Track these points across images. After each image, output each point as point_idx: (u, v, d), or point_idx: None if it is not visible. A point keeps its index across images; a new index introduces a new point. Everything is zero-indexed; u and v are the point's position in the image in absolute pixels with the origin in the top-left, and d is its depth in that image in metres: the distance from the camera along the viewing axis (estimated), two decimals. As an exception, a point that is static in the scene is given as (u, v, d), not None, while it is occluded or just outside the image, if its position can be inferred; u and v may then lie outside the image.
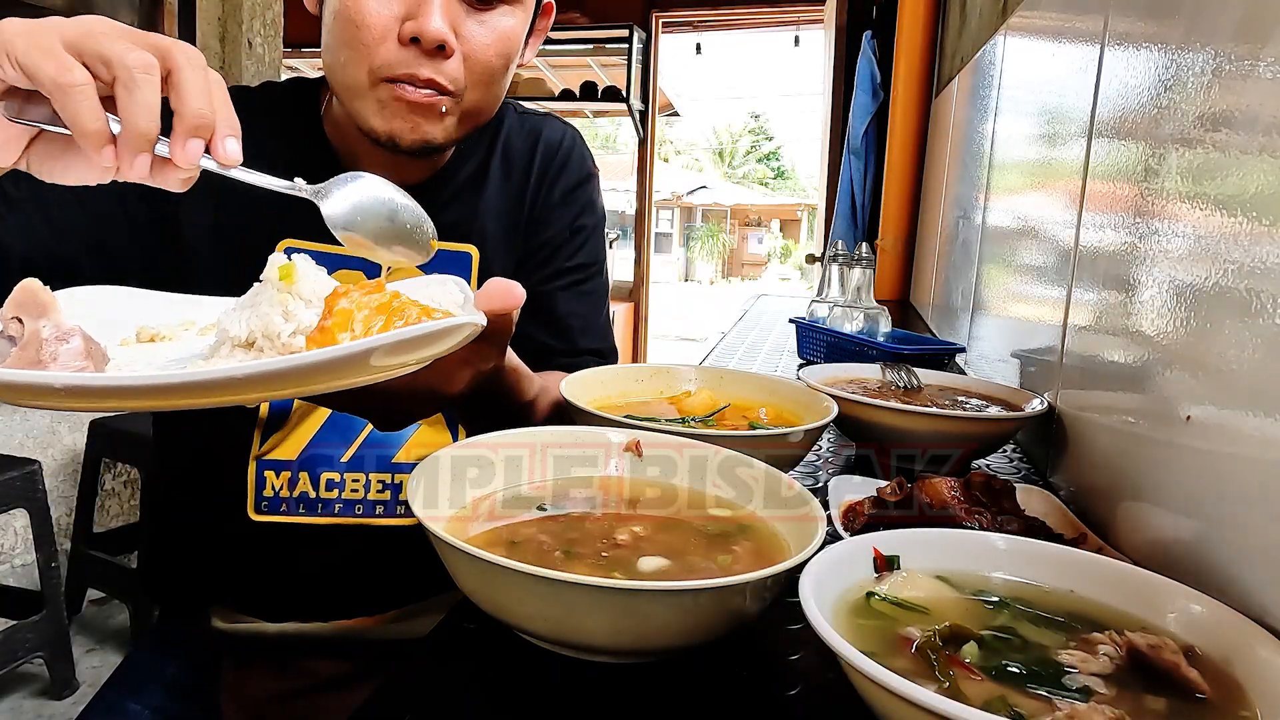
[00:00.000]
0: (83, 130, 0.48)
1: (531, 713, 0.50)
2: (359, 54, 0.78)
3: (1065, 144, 1.05)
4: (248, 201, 0.88)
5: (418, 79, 0.78)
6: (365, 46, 0.78)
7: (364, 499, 0.93)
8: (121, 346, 0.60)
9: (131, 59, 0.49)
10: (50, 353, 0.49)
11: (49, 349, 0.49)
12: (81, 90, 0.48)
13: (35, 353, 0.49)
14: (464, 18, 0.79)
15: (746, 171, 31.07)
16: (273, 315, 0.54)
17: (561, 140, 1.03)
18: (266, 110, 0.92)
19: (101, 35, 0.49)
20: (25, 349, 0.49)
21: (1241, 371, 0.53)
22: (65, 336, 0.50)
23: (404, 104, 0.79)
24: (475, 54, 0.80)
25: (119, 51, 0.49)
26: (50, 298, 0.52)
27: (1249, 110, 0.55)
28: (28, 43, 0.48)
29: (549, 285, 1.01)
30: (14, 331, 0.50)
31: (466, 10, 0.79)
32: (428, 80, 0.78)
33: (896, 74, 3.08)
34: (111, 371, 0.52)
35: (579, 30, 5.07)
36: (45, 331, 0.50)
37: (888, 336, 1.60)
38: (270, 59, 3.00)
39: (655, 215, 7.22)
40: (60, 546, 2.36)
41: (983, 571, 0.56)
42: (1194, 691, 0.44)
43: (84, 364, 0.50)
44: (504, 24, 0.81)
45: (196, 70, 0.52)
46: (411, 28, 0.76)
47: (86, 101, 0.48)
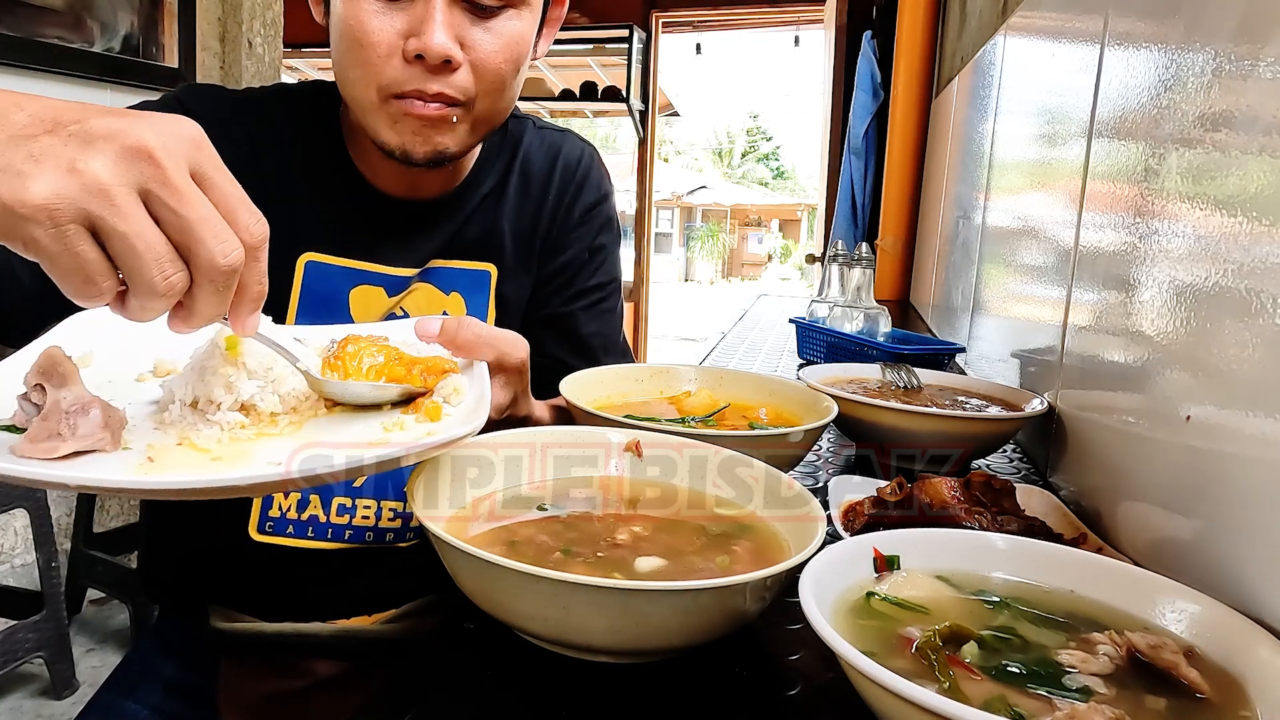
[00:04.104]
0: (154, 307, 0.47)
1: (531, 713, 0.50)
2: (366, 72, 0.78)
3: (1065, 144, 1.05)
4: (266, 214, 0.88)
5: (426, 94, 0.77)
6: (371, 65, 0.77)
7: (374, 526, 0.92)
8: (139, 382, 0.62)
9: (225, 265, 0.47)
10: (70, 425, 0.50)
11: (68, 421, 0.50)
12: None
13: (56, 424, 0.50)
14: (469, 26, 0.78)
15: (746, 171, 31.08)
16: (215, 386, 0.56)
17: (580, 158, 1.03)
18: (286, 118, 0.91)
19: (204, 231, 0.46)
20: (47, 420, 0.50)
21: (1241, 371, 0.53)
22: (85, 409, 0.51)
23: (414, 119, 0.79)
24: (483, 62, 0.79)
25: (214, 259, 0.46)
26: (72, 367, 0.52)
27: (1249, 110, 0.55)
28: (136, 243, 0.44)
29: (571, 307, 1.01)
30: (37, 399, 0.51)
31: (471, 19, 0.78)
32: (436, 94, 0.78)
33: (896, 74, 3.07)
34: (126, 434, 0.54)
35: (579, 30, 5.06)
36: (65, 403, 0.51)
37: (888, 336, 1.60)
38: (270, 59, 3.00)
39: (655, 215, 7.23)
40: (60, 546, 2.36)
41: (983, 571, 0.56)
42: (1194, 691, 0.44)
43: (102, 435, 0.51)
44: (510, 28, 0.80)
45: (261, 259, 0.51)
46: (415, 45, 0.75)
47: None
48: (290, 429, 0.58)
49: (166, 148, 0.45)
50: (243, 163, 0.88)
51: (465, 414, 0.60)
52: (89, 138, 0.43)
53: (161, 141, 0.44)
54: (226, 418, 0.56)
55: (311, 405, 0.61)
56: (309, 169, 0.90)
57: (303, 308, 0.88)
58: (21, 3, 2.29)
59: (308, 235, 0.88)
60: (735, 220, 25.65)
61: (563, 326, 1.00)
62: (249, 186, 0.96)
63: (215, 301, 0.48)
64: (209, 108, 0.89)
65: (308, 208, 0.89)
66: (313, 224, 0.89)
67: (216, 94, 0.91)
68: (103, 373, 0.61)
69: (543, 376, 0.93)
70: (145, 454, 0.53)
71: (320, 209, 0.89)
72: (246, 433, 0.57)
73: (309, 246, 0.88)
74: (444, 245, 0.93)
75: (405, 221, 0.92)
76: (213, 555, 0.93)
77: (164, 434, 0.56)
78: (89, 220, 0.43)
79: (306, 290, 0.88)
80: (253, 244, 0.49)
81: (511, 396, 0.71)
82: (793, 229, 26.70)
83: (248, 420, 0.57)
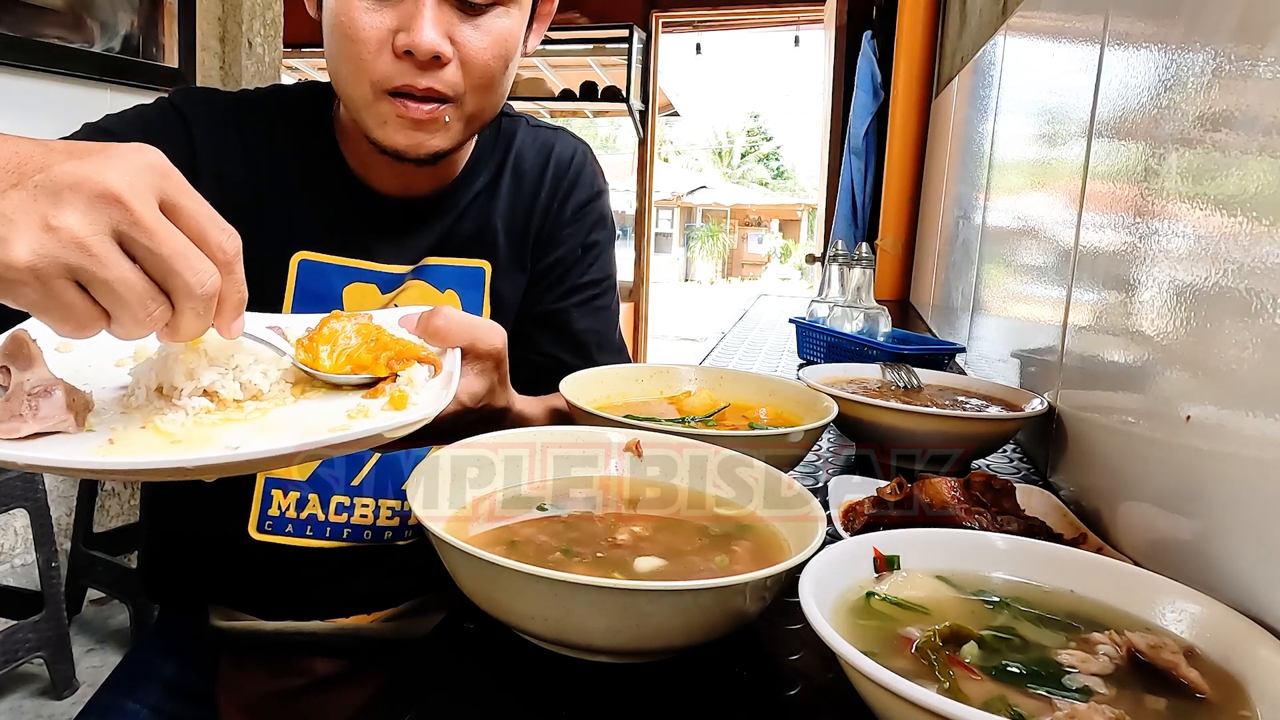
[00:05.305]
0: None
1: (531, 713, 0.50)
2: (357, 68, 0.78)
3: (1065, 144, 1.05)
4: (261, 215, 0.88)
5: (416, 89, 0.78)
6: (362, 60, 0.77)
7: (373, 524, 0.92)
8: (117, 367, 0.62)
9: (202, 294, 0.49)
10: (32, 407, 0.51)
11: (30, 403, 0.51)
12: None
13: (18, 405, 0.51)
14: (458, 23, 0.78)
15: (746, 171, 31.08)
16: (177, 373, 0.58)
17: (573, 156, 1.03)
18: (279, 119, 0.92)
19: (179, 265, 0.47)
20: (9, 401, 0.51)
21: (1241, 371, 0.53)
22: (48, 390, 0.52)
23: (405, 120, 0.79)
24: (472, 59, 0.79)
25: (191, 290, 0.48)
26: (38, 350, 0.54)
27: (1249, 110, 0.55)
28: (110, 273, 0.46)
29: (564, 303, 1.01)
30: (1, 380, 0.52)
31: (460, 16, 0.78)
32: (427, 89, 0.78)
33: (896, 74, 3.07)
34: (93, 419, 0.55)
35: (579, 30, 5.06)
36: (29, 385, 0.52)
37: (888, 336, 1.60)
38: (270, 59, 3.00)
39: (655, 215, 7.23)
40: (60, 546, 2.36)
41: (983, 571, 0.56)
42: (1194, 691, 0.44)
43: (65, 417, 0.52)
44: (499, 25, 0.80)
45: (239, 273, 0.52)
46: (404, 40, 0.76)
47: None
48: (256, 414, 0.59)
49: (133, 187, 0.46)
50: (237, 163, 0.89)
51: (428, 399, 0.60)
52: (56, 189, 0.45)
53: (127, 181, 0.46)
54: (192, 403, 0.57)
55: (278, 393, 0.61)
56: (303, 168, 0.90)
57: (297, 306, 0.88)
58: (21, 3, 2.29)
59: (301, 234, 0.88)
60: (735, 220, 25.65)
61: (556, 323, 1.00)
62: (243, 186, 0.96)
63: (197, 323, 0.50)
64: (203, 110, 0.89)
65: (301, 206, 0.89)
66: (306, 222, 0.89)
67: (210, 96, 0.92)
68: (83, 357, 0.62)
69: (537, 374, 0.92)
70: (107, 436, 0.54)
71: (314, 207, 0.89)
72: (211, 418, 0.57)
73: (303, 245, 0.88)
74: (437, 242, 0.93)
75: (398, 219, 0.92)
76: (212, 554, 0.93)
77: (129, 418, 0.56)
78: (71, 273, 0.45)
79: (301, 289, 0.89)
80: (226, 260, 0.50)
81: (487, 385, 0.70)
82: (793, 229, 26.70)
83: (213, 406, 0.58)
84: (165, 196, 0.48)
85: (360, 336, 0.64)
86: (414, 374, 0.62)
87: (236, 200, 0.88)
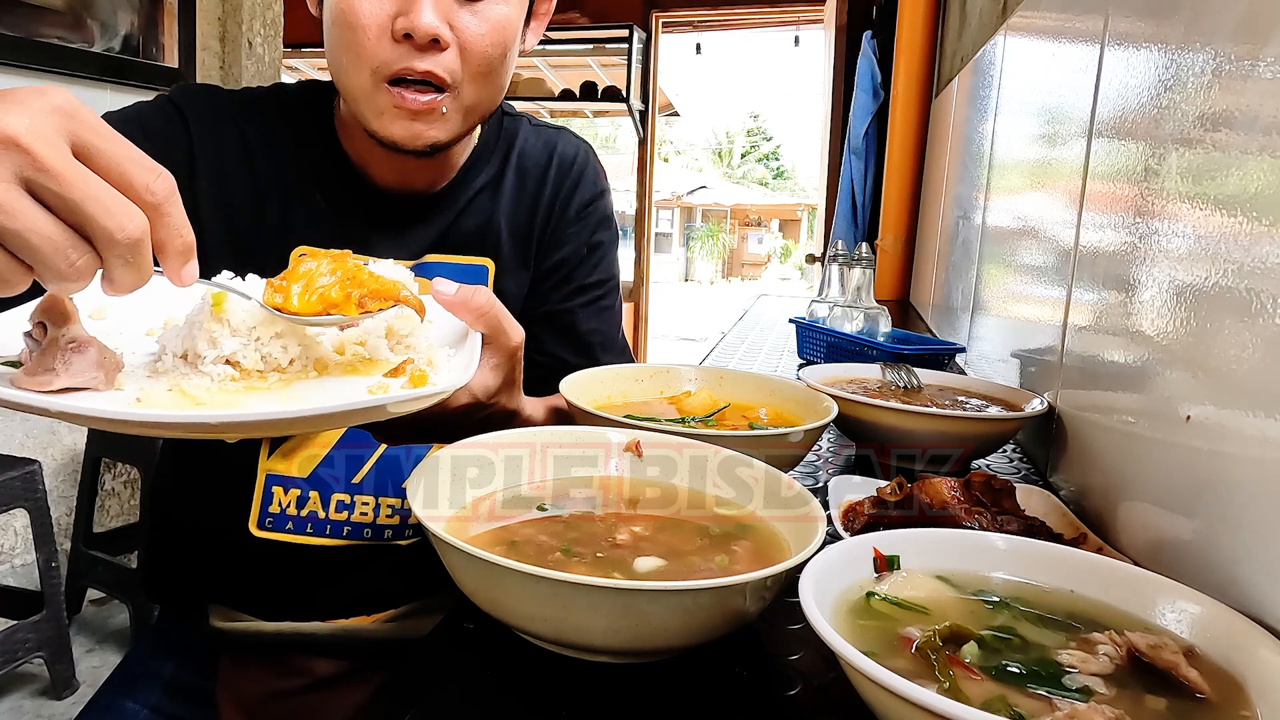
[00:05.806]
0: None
1: (531, 713, 0.50)
2: (358, 56, 0.78)
3: (1065, 144, 1.05)
4: (260, 209, 0.88)
5: (414, 72, 0.78)
6: (363, 47, 0.78)
7: (373, 523, 0.92)
8: (148, 335, 0.64)
9: (123, 239, 0.45)
10: (65, 361, 0.52)
11: (63, 358, 0.52)
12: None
13: (52, 360, 0.51)
14: (457, 10, 0.79)
15: (746, 171, 31.09)
16: (200, 340, 0.58)
17: (576, 155, 1.03)
18: (280, 115, 0.92)
19: (94, 209, 0.44)
20: (44, 355, 0.52)
21: (1241, 371, 0.53)
22: (81, 347, 0.53)
23: (403, 111, 0.79)
24: (470, 45, 0.80)
25: (111, 236, 0.45)
26: (73, 307, 0.54)
27: (1249, 110, 0.55)
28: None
29: (569, 303, 1.01)
30: (38, 336, 0.53)
31: (459, 2, 0.79)
32: (425, 73, 0.78)
33: (896, 74, 3.07)
34: (122, 379, 0.56)
35: (579, 30, 5.07)
36: (63, 340, 0.52)
37: (888, 336, 1.60)
38: (270, 59, 3.00)
39: (655, 215, 7.23)
40: (60, 546, 2.36)
41: (983, 571, 0.56)
42: (1194, 691, 0.44)
43: (95, 374, 0.53)
44: (498, 13, 0.81)
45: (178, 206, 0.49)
46: (404, 24, 0.76)
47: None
48: (279, 385, 0.60)
49: (35, 129, 0.43)
50: (237, 160, 0.89)
51: (450, 374, 0.61)
52: None
53: (28, 124, 0.42)
54: (216, 370, 0.58)
55: (301, 368, 0.61)
56: (302, 163, 0.90)
57: None
58: (21, 3, 2.29)
59: (301, 228, 0.89)
60: (735, 220, 25.66)
61: (561, 323, 1.00)
62: (243, 181, 0.96)
63: (129, 271, 0.47)
64: (202, 107, 0.89)
65: (301, 202, 0.89)
66: (306, 217, 0.90)
67: (210, 93, 0.92)
68: (115, 325, 0.63)
69: (541, 374, 0.92)
70: (135, 395, 0.55)
71: (313, 202, 0.90)
72: (235, 385, 0.58)
73: (302, 239, 0.88)
74: (439, 238, 0.93)
75: (399, 214, 0.92)
76: (213, 550, 0.93)
77: (156, 380, 0.58)
78: None
79: None
80: (154, 202, 0.46)
81: (501, 380, 0.70)
82: (793, 229, 26.71)
83: (237, 374, 0.59)
84: (77, 139, 0.44)
85: (336, 275, 0.62)
86: (434, 356, 0.64)
87: (236, 195, 0.88)
